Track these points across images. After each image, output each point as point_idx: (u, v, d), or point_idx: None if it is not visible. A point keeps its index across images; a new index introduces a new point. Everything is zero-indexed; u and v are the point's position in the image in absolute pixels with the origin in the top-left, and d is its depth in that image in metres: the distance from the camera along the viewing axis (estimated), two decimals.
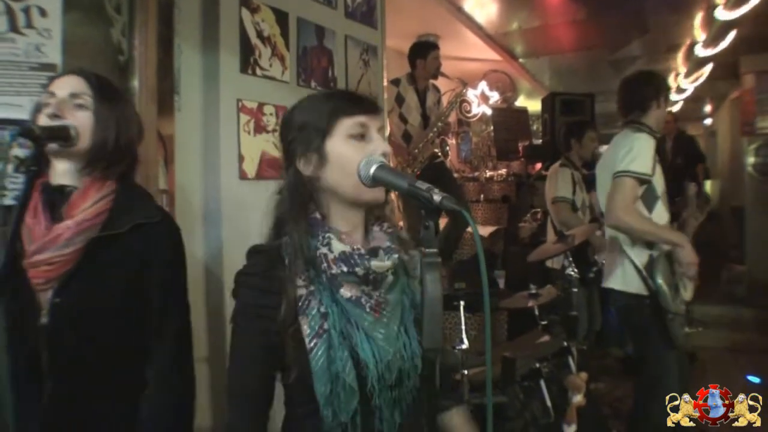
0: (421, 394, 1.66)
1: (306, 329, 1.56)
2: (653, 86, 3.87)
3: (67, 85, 1.95)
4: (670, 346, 3.59)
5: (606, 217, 3.70)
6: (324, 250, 1.60)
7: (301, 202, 1.66)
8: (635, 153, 3.60)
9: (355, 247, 1.61)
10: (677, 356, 3.65)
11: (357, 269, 1.57)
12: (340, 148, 1.62)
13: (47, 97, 1.94)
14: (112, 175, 2.00)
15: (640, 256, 3.67)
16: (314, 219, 1.64)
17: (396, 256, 1.64)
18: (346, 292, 1.58)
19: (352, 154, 1.60)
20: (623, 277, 3.78)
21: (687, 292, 3.69)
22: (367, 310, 1.59)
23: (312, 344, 1.54)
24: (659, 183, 3.72)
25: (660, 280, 3.54)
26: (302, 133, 1.66)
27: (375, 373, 1.57)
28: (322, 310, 1.58)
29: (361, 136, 1.63)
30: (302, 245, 1.60)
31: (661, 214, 3.73)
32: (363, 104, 1.68)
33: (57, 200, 1.91)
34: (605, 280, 4.01)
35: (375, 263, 1.58)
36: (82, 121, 1.93)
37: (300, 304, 1.58)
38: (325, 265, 1.58)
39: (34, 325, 1.84)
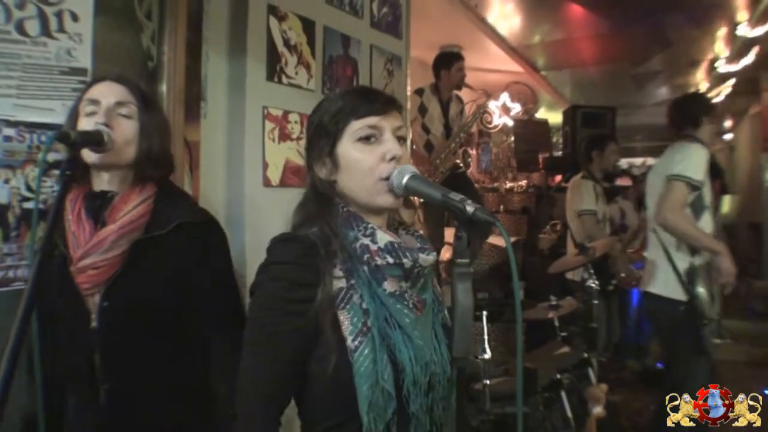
0: (452, 403, 1.63)
1: (347, 326, 1.48)
2: (702, 104, 4.16)
3: (112, 93, 1.97)
4: (699, 352, 3.64)
5: (655, 216, 3.84)
6: (365, 240, 1.53)
7: (324, 201, 1.62)
8: (690, 160, 3.80)
9: (397, 240, 1.55)
10: (706, 364, 3.69)
11: (405, 261, 1.51)
12: (350, 152, 1.58)
13: (89, 105, 1.95)
14: (151, 180, 2.05)
15: (682, 262, 3.79)
16: (349, 212, 1.59)
17: (435, 253, 1.61)
18: (389, 286, 1.51)
19: (362, 157, 1.57)
20: (664, 282, 3.90)
21: (716, 305, 3.77)
22: (410, 306, 1.53)
23: (356, 343, 1.46)
24: (707, 194, 3.88)
25: (700, 287, 3.63)
26: (316, 137, 1.64)
27: (411, 376, 1.49)
28: (364, 306, 1.50)
29: (372, 138, 1.58)
30: (338, 235, 1.55)
31: (707, 223, 3.88)
32: (374, 104, 1.61)
33: (99, 206, 1.94)
34: (644, 285, 4.15)
35: (422, 256, 1.54)
36: (128, 130, 1.96)
37: (339, 298, 1.50)
38: (367, 256, 1.52)
39: (86, 330, 1.87)
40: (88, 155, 1.85)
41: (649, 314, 4.25)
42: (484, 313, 3.79)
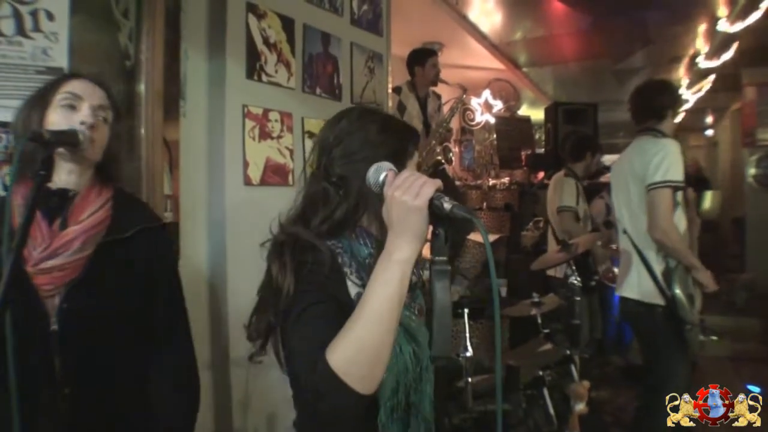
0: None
1: None
2: (670, 95, 3.91)
3: (95, 95, 1.94)
4: (682, 354, 3.61)
5: (651, 231, 3.60)
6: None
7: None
8: (669, 161, 3.58)
9: None
10: (687, 364, 3.67)
11: None
12: None
13: (70, 98, 1.89)
14: (110, 180, 2.04)
15: (657, 264, 3.69)
16: (361, 228, 1.65)
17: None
18: None
19: None
20: (638, 286, 3.80)
21: (697, 303, 3.70)
22: (415, 311, 1.66)
23: None
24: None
25: (678, 290, 3.54)
26: None
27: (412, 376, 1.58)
28: None
29: None
30: (353, 250, 1.62)
31: (680, 219, 3.72)
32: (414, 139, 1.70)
33: (54, 204, 1.88)
34: (618, 289, 4.03)
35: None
36: (103, 135, 1.95)
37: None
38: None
39: (45, 332, 1.81)
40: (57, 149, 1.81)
41: (627, 318, 4.18)
42: (466, 310, 3.79)
